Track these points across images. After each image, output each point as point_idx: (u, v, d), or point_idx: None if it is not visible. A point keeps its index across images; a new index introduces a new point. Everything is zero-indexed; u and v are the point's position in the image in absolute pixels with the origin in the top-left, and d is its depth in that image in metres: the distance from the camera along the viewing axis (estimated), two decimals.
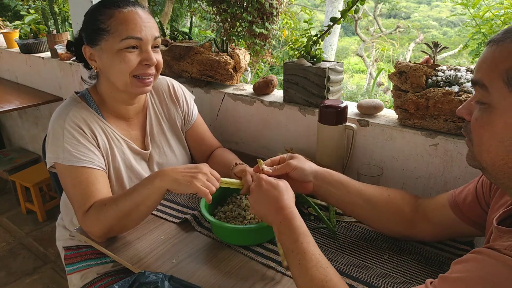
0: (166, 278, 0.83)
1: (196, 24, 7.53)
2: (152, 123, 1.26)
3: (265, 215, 0.88)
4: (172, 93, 1.31)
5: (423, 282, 0.85)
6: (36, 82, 2.67)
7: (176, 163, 1.29)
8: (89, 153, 1.06)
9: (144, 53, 1.06)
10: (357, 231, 1.05)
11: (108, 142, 1.13)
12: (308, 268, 0.74)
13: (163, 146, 1.27)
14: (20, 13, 3.21)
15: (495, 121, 0.60)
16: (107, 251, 1.00)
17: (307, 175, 0.97)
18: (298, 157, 1.01)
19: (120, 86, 1.09)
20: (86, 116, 1.10)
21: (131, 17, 1.04)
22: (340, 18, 1.30)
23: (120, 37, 1.03)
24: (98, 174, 1.06)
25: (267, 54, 4.53)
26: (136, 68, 1.06)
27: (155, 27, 1.09)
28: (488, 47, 0.61)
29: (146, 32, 1.05)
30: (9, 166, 2.79)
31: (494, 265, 0.55)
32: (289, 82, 1.42)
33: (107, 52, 1.05)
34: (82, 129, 1.07)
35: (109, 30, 1.03)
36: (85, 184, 1.02)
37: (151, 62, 1.07)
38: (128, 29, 1.03)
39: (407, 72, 1.15)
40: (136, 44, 1.05)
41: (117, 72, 1.06)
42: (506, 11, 3.12)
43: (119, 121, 1.19)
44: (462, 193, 0.87)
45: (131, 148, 1.19)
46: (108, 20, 1.03)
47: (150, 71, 1.09)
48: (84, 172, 1.03)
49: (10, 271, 2.16)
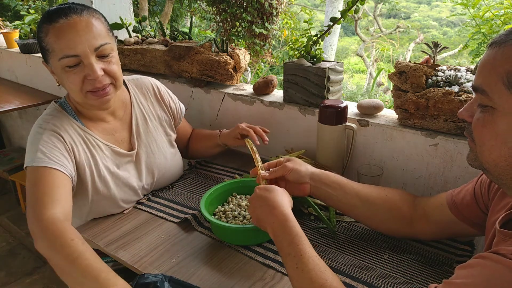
0: (166, 279, 0.83)
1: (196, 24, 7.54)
2: (138, 122, 1.23)
3: (261, 219, 0.86)
4: (156, 92, 1.31)
5: (423, 282, 0.86)
6: (36, 82, 2.67)
7: (165, 162, 1.27)
8: (62, 158, 1.01)
9: (86, 68, 0.99)
10: (357, 231, 1.05)
11: (89, 151, 1.10)
12: (306, 272, 0.73)
13: (150, 145, 1.24)
14: (20, 13, 3.20)
15: (497, 122, 0.59)
16: (107, 251, 1.00)
17: (303, 177, 0.97)
18: (294, 159, 1.01)
19: (79, 101, 1.07)
20: (67, 125, 1.07)
21: (64, 31, 0.96)
22: (340, 18, 1.30)
23: (57, 57, 0.98)
24: (65, 179, 1.00)
25: (267, 54, 4.53)
26: (84, 84, 1.01)
27: (98, 35, 0.99)
28: (489, 49, 0.61)
29: (83, 46, 0.97)
30: (9, 166, 2.79)
31: (500, 270, 0.54)
32: (289, 82, 1.42)
33: (56, 70, 1.03)
34: (62, 136, 1.04)
35: (48, 49, 0.99)
36: (50, 185, 0.95)
37: (94, 76, 0.99)
38: (62, 48, 0.96)
39: (407, 72, 1.15)
40: (75, 62, 0.98)
41: (70, 90, 1.04)
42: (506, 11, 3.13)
43: (100, 125, 1.15)
44: (461, 193, 0.87)
45: (116, 152, 1.16)
46: (46, 38, 0.98)
47: (101, 83, 1.02)
48: (52, 173, 0.98)
49: (10, 271, 2.16)
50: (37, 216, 0.90)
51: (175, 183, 1.34)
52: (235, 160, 1.50)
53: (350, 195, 0.96)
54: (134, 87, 1.27)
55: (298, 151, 1.34)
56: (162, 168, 1.27)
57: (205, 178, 1.37)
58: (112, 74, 1.04)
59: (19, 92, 2.63)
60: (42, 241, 0.88)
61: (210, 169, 1.43)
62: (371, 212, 0.96)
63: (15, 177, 2.62)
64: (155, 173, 1.25)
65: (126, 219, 1.14)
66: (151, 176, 1.25)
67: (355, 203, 0.96)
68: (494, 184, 0.79)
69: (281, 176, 0.99)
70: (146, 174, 1.23)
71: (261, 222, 0.86)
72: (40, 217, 0.90)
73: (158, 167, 1.25)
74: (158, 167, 1.25)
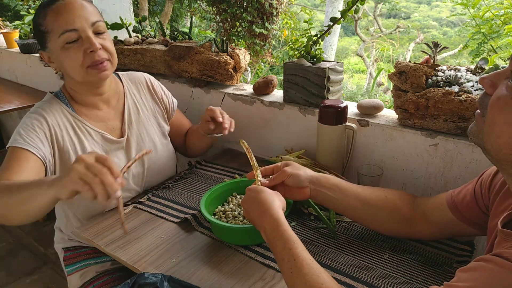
0: (166, 279, 0.83)
1: (196, 24, 7.54)
2: (130, 112, 1.27)
3: (255, 223, 0.87)
4: (149, 85, 1.36)
5: (423, 282, 0.86)
6: (36, 82, 2.67)
7: (155, 151, 1.30)
8: (37, 140, 1.05)
9: (85, 41, 1.05)
10: (357, 231, 1.05)
11: (77, 136, 1.14)
12: (300, 276, 0.72)
13: (141, 134, 1.28)
14: (20, 13, 3.21)
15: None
16: (107, 251, 1.00)
17: (302, 181, 0.97)
18: (292, 163, 1.01)
19: (79, 80, 1.11)
20: (57, 111, 1.12)
21: (61, 10, 1.04)
22: (340, 18, 1.30)
23: (57, 34, 1.04)
24: (32, 159, 1.03)
25: (267, 54, 4.54)
26: (84, 59, 1.06)
27: (92, 13, 1.08)
28: None
29: (80, 22, 1.05)
30: None
31: (503, 274, 0.54)
32: (289, 82, 1.42)
33: (55, 52, 1.08)
34: (46, 119, 1.09)
35: (47, 30, 1.05)
36: (15, 160, 1.00)
37: (93, 47, 1.05)
38: (62, 24, 1.04)
39: (407, 72, 1.15)
40: (74, 36, 1.05)
41: (70, 68, 1.08)
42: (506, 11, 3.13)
43: (93, 113, 1.20)
44: (461, 193, 0.87)
45: (106, 139, 1.19)
46: (44, 21, 1.05)
47: (100, 57, 1.08)
48: (22, 153, 1.02)
49: (10, 271, 2.16)
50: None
51: (175, 183, 1.34)
52: (235, 160, 1.50)
53: (350, 198, 0.96)
54: (128, 80, 1.33)
55: (298, 151, 1.34)
56: (152, 156, 1.29)
57: (205, 178, 1.37)
58: (108, 50, 1.11)
59: (19, 92, 2.64)
60: None
61: (210, 169, 1.43)
62: (371, 214, 0.96)
63: None
64: (145, 161, 1.27)
65: (126, 219, 1.14)
66: (141, 165, 1.27)
67: (355, 205, 0.96)
68: (495, 185, 0.78)
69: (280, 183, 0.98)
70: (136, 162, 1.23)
71: (255, 225, 0.87)
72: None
73: (148, 155, 1.27)
74: (149, 156, 1.28)
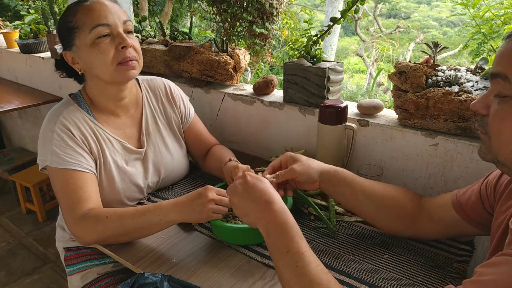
0: (166, 279, 0.83)
1: (196, 24, 7.54)
2: (148, 120, 1.25)
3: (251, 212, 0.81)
4: (168, 92, 1.32)
5: (423, 281, 0.86)
6: (36, 82, 2.67)
7: (171, 162, 1.28)
8: (77, 155, 1.05)
9: (117, 37, 1.06)
10: (357, 231, 1.05)
11: (99, 144, 1.12)
12: (307, 272, 0.69)
13: (158, 144, 1.26)
14: (20, 13, 3.21)
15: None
16: (108, 251, 1.00)
17: (313, 177, 0.98)
18: (301, 159, 0.99)
19: (107, 78, 1.09)
20: (77, 119, 1.10)
21: (94, 7, 1.05)
22: (340, 18, 1.30)
23: (89, 28, 1.04)
24: (87, 177, 1.06)
25: (267, 54, 4.53)
26: (115, 55, 1.06)
27: (122, 12, 1.10)
28: (508, 40, 0.60)
29: (113, 17, 1.06)
30: (9, 166, 2.78)
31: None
32: (289, 82, 1.42)
33: (83, 48, 1.06)
34: (72, 132, 1.07)
35: (77, 26, 1.05)
36: (74, 188, 1.02)
37: (126, 43, 1.06)
38: (94, 18, 1.04)
39: (407, 72, 1.15)
40: (107, 31, 1.05)
41: (99, 64, 1.07)
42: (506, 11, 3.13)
43: (112, 120, 1.18)
44: (466, 193, 0.87)
45: (126, 148, 1.18)
46: (74, 18, 1.05)
47: (131, 54, 1.08)
48: (73, 175, 1.03)
49: (10, 271, 2.16)
50: (72, 223, 1.01)
51: (176, 183, 1.34)
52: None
53: (357, 193, 0.96)
54: (147, 87, 1.29)
55: (298, 151, 1.34)
56: (168, 168, 1.28)
57: (205, 178, 1.37)
58: (137, 50, 1.11)
59: (19, 92, 2.64)
60: (88, 234, 0.99)
61: None
62: (375, 209, 0.96)
63: (15, 177, 2.62)
64: (161, 172, 1.26)
65: None
66: (157, 175, 1.26)
67: (361, 200, 0.96)
68: (500, 185, 0.78)
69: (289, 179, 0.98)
70: (153, 173, 1.24)
71: (250, 215, 0.81)
72: (76, 222, 1.01)
73: (165, 166, 1.26)
74: (165, 167, 1.26)
